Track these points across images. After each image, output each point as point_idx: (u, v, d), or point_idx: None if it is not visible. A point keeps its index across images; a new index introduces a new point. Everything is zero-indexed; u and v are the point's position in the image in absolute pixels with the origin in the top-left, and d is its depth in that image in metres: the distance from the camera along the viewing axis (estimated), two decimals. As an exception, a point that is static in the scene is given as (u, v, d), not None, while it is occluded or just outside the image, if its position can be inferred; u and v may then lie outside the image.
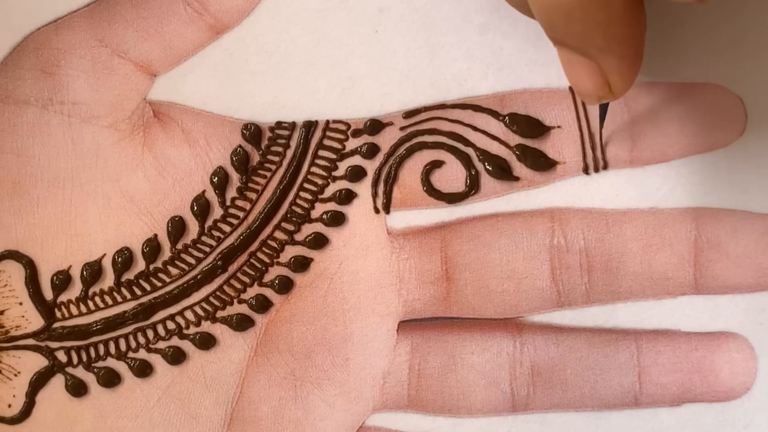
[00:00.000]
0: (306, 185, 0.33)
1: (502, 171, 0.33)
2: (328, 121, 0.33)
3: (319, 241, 0.33)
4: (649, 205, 0.33)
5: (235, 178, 0.33)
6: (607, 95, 0.28)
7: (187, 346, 0.33)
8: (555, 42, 0.27)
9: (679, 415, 0.33)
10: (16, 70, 0.33)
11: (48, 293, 0.33)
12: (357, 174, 0.33)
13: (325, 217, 0.33)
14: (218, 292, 0.33)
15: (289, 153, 0.33)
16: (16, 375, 0.33)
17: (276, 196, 0.33)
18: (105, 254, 0.33)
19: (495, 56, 0.33)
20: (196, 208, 0.33)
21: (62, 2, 0.33)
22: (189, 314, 0.33)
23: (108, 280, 0.33)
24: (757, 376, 0.32)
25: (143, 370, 0.33)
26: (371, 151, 0.33)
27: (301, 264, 0.33)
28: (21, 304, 0.33)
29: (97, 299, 0.33)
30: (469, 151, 0.33)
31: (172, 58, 0.33)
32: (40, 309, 0.33)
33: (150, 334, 0.33)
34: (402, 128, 0.33)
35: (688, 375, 0.32)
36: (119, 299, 0.33)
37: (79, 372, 0.33)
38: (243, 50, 0.33)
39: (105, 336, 0.33)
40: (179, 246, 0.33)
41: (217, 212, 0.33)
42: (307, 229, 0.33)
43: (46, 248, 0.33)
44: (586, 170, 0.33)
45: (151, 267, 0.33)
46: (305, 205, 0.33)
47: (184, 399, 0.33)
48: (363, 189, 0.33)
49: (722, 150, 0.33)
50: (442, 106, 0.33)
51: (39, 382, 0.33)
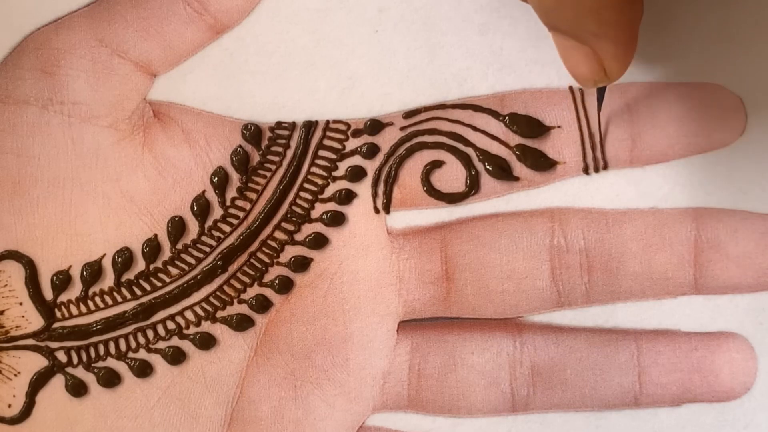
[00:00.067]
0: (306, 185, 0.33)
1: (502, 171, 0.33)
2: (328, 121, 0.33)
3: (319, 241, 0.33)
4: (649, 205, 0.33)
5: (235, 178, 0.33)
6: (602, 79, 0.28)
7: (187, 346, 0.33)
8: (549, 27, 0.28)
9: (679, 415, 0.33)
10: (16, 70, 0.33)
11: (48, 293, 0.33)
12: (357, 174, 0.33)
13: (325, 217, 0.33)
14: (218, 292, 0.33)
15: (289, 153, 0.33)
16: (16, 375, 0.33)
17: (276, 196, 0.33)
18: (105, 254, 0.33)
19: (495, 56, 0.33)
20: (196, 208, 0.33)
21: (62, 2, 0.33)
22: (189, 314, 0.33)
23: (108, 280, 0.33)
24: (757, 376, 0.32)
25: (143, 370, 0.33)
26: (371, 151, 0.33)
27: (301, 264, 0.33)
28: (21, 304, 0.33)
29: (97, 299, 0.33)
30: (469, 151, 0.33)
31: (172, 58, 0.33)
32: (40, 309, 0.33)
33: (150, 334, 0.33)
34: (402, 128, 0.33)
35: (688, 375, 0.32)
36: (119, 299, 0.33)
37: (79, 372, 0.33)
38: (243, 50, 0.33)
39: (105, 336, 0.33)
40: (179, 246, 0.33)
41: (217, 212, 0.33)
42: (307, 229, 0.33)
43: (46, 248, 0.33)
44: (586, 170, 0.33)
45: (151, 267, 0.33)
46: (305, 205, 0.33)
47: (184, 399, 0.33)
48: (363, 189, 0.33)
49: (722, 150, 0.33)
50: (442, 106, 0.33)
51: (39, 382, 0.33)
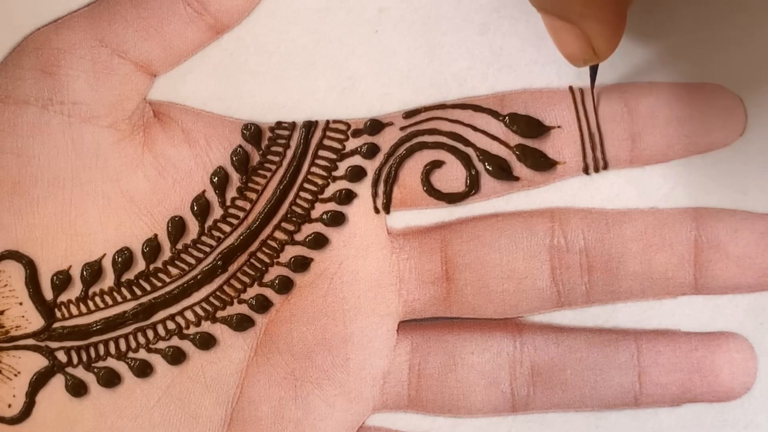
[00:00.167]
0: (306, 185, 0.33)
1: (502, 171, 0.33)
2: (328, 121, 0.33)
3: (319, 241, 0.33)
4: (649, 205, 0.33)
5: (235, 178, 0.33)
6: (592, 58, 0.29)
7: (187, 346, 0.33)
8: (538, 9, 0.28)
9: (679, 415, 0.33)
10: (16, 70, 0.33)
11: (48, 293, 0.33)
12: (357, 174, 0.33)
13: (325, 217, 0.33)
14: (218, 292, 0.33)
15: (289, 153, 0.33)
16: (16, 375, 0.33)
17: (276, 196, 0.33)
18: (105, 254, 0.33)
19: (495, 56, 0.33)
20: (196, 208, 0.33)
21: (62, 2, 0.33)
22: (189, 314, 0.33)
23: (108, 280, 0.33)
24: (757, 376, 0.32)
25: (143, 370, 0.33)
26: (371, 151, 0.33)
27: (301, 264, 0.33)
28: (21, 304, 0.33)
29: (97, 299, 0.33)
30: (469, 151, 0.33)
31: (172, 58, 0.33)
32: (40, 309, 0.33)
33: (150, 334, 0.33)
34: (402, 128, 0.33)
35: (688, 375, 0.32)
36: (119, 299, 0.33)
37: (79, 372, 0.33)
38: (243, 50, 0.33)
39: (105, 336, 0.33)
40: (179, 246, 0.33)
41: (217, 212, 0.33)
42: (307, 229, 0.33)
43: (46, 248, 0.33)
44: (586, 170, 0.33)
45: (151, 267, 0.33)
46: (305, 205, 0.33)
47: (184, 399, 0.33)
48: (363, 189, 0.33)
49: (722, 150, 0.33)
50: (442, 106, 0.33)
51: (39, 382, 0.33)
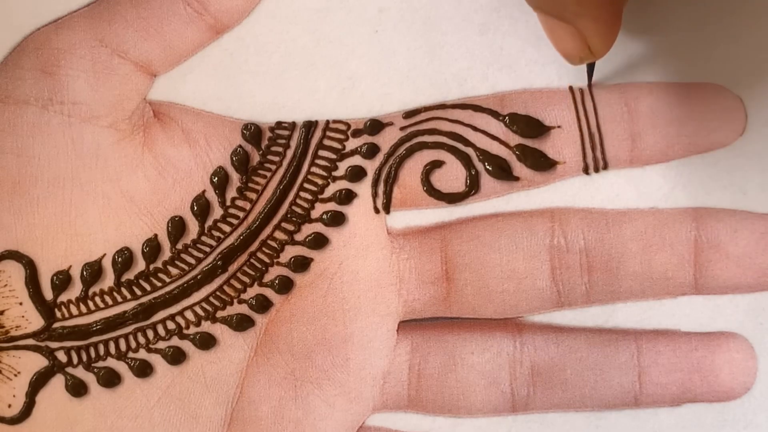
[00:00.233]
0: (306, 185, 0.33)
1: (502, 171, 0.33)
2: (328, 121, 0.33)
3: (319, 241, 0.33)
4: (649, 205, 0.33)
5: (235, 178, 0.33)
6: (588, 56, 0.29)
7: (187, 346, 0.33)
8: (534, 7, 0.28)
9: (679, 415, 0.33)
10: (16, 70, 0.33)
11: (48, 293, 0.33)
12: (357, 174, 0.33)
13: (325, 217, 0.33)
14: (218, 292, 0.33)
15: (289, 153, 0.33)
16: (16, 375, 0.33)
17: (276, 196, 0.33)
18: (105, 254, 0.33)
19: (495, 56, 0.33)
20: (196, 208, 0.33)
21: (62, 2, 0.33)
22: (189, 314, 0.33)
23: (108, 280, 0.33)
24: (757, 376, 0.32)
25: (143, 370, 0.33)
26: (371, 151, 0.33)
27: (301, 264, 0.33)
28: (21, 304, 0.33)
29: (97, 299, 0.33)
30: (469, 151, 0.33)
31: (172, 58, 0.33)
32: (40, 309, 0.33)
33: (150, 334, 0.33)
34: (402, 128, 0.33)
35: (688, 375, 0.32)
36: (119, 299, 0.33)
37: (79, 372, 0.33)
38: (243, 50, 0.33)
39: (105, 336, 0.33)
40: (179, 246, 0.33)
41: (217, 212, 0.33)
42: (307, 229, 0.33)
43: (46, 248, 0.33)
44: (586, 170, 0.33)
45: (151, 267, 0.33)
46: (305, 205, 0.33)
47: (184, 399, 0.33)
48: (363, 189, 0.33)
49: (722, 150, 0.33)
50: (442, 106, 0.33)
51: (39, 382, 0.33)
